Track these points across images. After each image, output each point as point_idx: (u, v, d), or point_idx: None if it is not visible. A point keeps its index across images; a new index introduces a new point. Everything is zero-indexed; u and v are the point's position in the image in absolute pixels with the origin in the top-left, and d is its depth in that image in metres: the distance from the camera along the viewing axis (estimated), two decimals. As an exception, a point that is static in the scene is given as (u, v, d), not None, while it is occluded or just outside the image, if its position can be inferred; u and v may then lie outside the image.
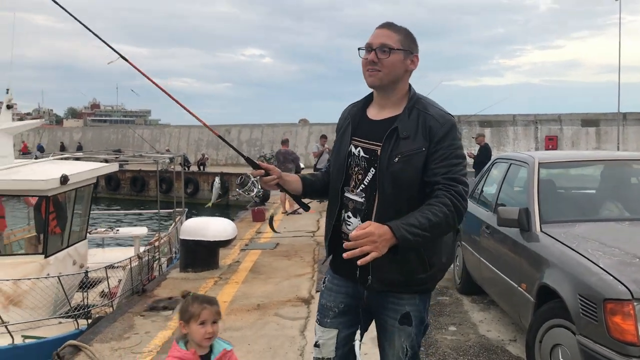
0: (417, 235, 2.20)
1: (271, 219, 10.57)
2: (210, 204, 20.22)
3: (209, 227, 8.29)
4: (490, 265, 5.32)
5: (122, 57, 3.08)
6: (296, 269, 8.31)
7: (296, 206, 14.77)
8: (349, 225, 2.50)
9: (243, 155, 2.88)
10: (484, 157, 13.63)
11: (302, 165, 23.09)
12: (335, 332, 2.63)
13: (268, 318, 6.01)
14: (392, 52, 2.39)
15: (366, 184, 2.44)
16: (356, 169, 2.49)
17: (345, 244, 2.19)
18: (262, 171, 2.59)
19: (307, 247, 9.89)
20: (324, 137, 15.66)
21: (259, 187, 2.95)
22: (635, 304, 3.17)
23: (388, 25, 2.46)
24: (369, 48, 2.43)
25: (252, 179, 2.84)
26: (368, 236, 2.12)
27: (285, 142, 15.45)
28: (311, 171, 23.42)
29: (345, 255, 2.17)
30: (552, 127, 31.40)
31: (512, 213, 4.65)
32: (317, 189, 2.76)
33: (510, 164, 5.71)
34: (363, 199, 2.45)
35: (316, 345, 2.72)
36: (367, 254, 2.13)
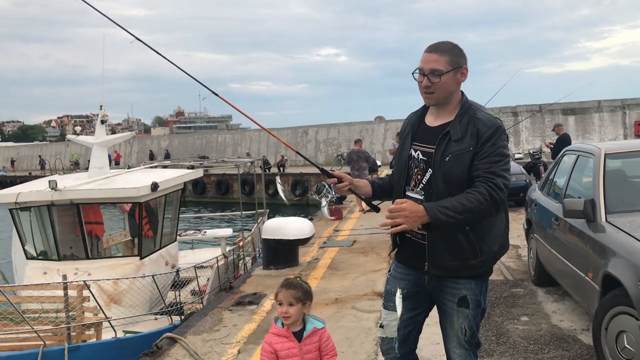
0: (449, 216, 2.50)
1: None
2: (286, 202, 20.83)
3: (289, 227, 8.73)
4: (560, 256, 5.39)
5: (138, 39, 3.58)
6: (372, 265, 8.59)
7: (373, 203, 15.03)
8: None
9: (317, 166, 3.18)
10: (562, 147, 13.31)
11: (378, 163, 23.32)
12: (397, 315, 2.89)
13: (345, 311, 6.34)
14: (443, 75, 2.63)
15: (424, 183, 2.74)
16: (415, 170, 2.80)
17: (386, 218, 2.54)
18: (335, 179, 2.91)
19: (383, 244, 10.12)
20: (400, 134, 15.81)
21: (334, 193, 3.15)
22: (693, 289, 3.24)
23: (435, 49, 2.67)
24: (421, 72, 2.68)
25: (327, 186, 3.03)
26: (401, 211, 2.49)
27: (358, 142, 15.73)
28: (388, 168, 23.49)
29: (379, 224, 2.60)
30: (642, 111, 29.82)
31: (578, 204, 4.73)
32: (385, 190, 3.05)
33: (579, 155, 5.74)
34: (422, 196, 2.75)
35: (381, 326, 3.06)
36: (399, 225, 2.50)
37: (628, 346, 3.81)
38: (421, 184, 2.74)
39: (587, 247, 4.68)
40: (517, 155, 15.61)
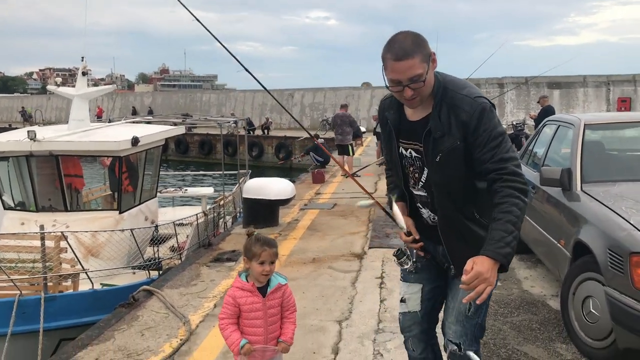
0: (510, 242, 2.29)
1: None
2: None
3: (270, 187, 8.75)
4: (535, 224, 5.49)
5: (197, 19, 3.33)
6: (351, 227, 8.68)
7: (355, 169, 15.09)
8: (423, 214, 2.71)
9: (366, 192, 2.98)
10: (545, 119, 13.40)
11: (363, 129, 23.30)
12: (419, 287, 2.81)
13: (322, 270, 6.42)
14: (425, 77, 2.36)
15: (424, 181, 2.61)
16: (411, 169, 2.65)
17: (462, 286, 2.29)
18: (411, 238, 2.66)
19: (364, 208, 10.21)
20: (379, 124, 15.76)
21: (414, 258, 2.95)
22: (659, 257, 3.33)
23: (404, 55, 2.32)
24: (398, 84, 2.36)
25: (408, 252, 2.87)
26: (478, 277, 2.23)
27: (343, 106, 15.69)
28: (371, 135, 23.40)
29: (464, 300, 2.32)
30: (626, 88, 30.02)
31: (555, 173, 4.80)
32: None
33: (559, 126, 5.79)
34: (425, 193, 2.64)
35: (402, 300, 2.87)
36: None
37: (593, 311, 3.93)
38: (421, 182, 2.63)
39: (561, 215, 4.77)
40: (500, 126, 15.68)
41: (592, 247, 3.89)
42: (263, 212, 8.62)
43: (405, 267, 2.74)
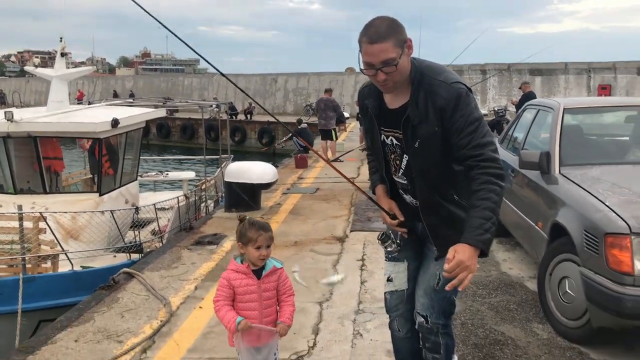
0: (489, 228, 2.34)
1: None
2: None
3: (252, 171, 8.73)
4: (514, 207, 5.55)
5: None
6: (333, 211, 8.70)
7: (338, 154, 15.11)
8: (405, 199, 2.75)
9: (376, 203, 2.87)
10: (527, 105, 13.50)
11: (346, 115, 23.31)
12: (405, 265, 2.85)
13: (304, 253, 6.44)
14: (398, 62, 2.37)
15: (404, 168, 2.64)
16: (393, 156, 2.68)
17: (444, 274, 2.36)
18: (396, 221, 2.72)
19: (346, 192, 10.24)
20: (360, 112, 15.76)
21: (398, 241, 2.97)
22: (632, 237, 3.40)
23: (377, 38, 2.35)
24: (371, 67, 2.39)
25: (392, 236, 2.86)
26: (459, 265, 2.29)
27: (328, 91, 15.64)
28: (355, 120, 23.36)
29: (447, 288, 2.39)
30: (606, 75, 30.31)
31: (534, 156, 4.85)
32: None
33: (539, 110, 5.84)
34: (406, 180, 2.67)
35: (389, 280, 2.90)
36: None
37: (569, 291, 4.00)
38: (401, 169, 2.66)
39: (539, 197, 4.83)
40: (482, 112, 15.80)
41: (568, 229, 3.95)
42: (245, 196, 8.61)
43: (390, 249, 2.80)
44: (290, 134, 17.80)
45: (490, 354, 3.90)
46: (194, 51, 3.16)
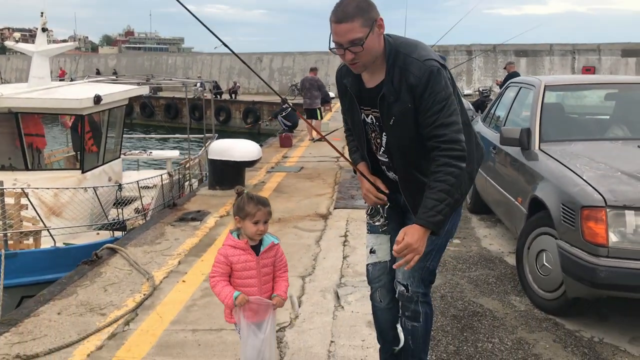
0: (442, 210, 2.42)
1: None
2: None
3: (235, 148, 8.71)
4: (494, 183, 5.63)
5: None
6: (317, 190, 8.73)
7: (323, 134, 15.11)
8: (389, 176, 2.78)
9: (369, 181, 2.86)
10: (511, 85, 13.57)
11: (332, 95, 23.23)
12: (387, 237, 2.88)
13: (287, 230, 6.48)
14: (364, 42, 2.38)
15: (384, 146, 2.67)
16: (373, 135, 2.70)
17: (394, 254, 2.50)
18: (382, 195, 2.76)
19: (330, 171, 10.28)
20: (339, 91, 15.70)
21: (385, 214, 3.01)
22: (607, 210, 3.48)
23: (343, 17, 2.37)
24: (340, 47, 2.41)
25: (382, 210, 2.88)
26: (407, 247, 2.41)
27: (313, 70, 15.59)
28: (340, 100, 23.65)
29: (394, 266, 2.55)
30: (591, 57, 30.53)
31: (514, 132, 4.91)
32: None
33: (521, 87, 5.89)
34: (387, 158, 2.70)
35: (372, 251, 2.93)
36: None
37: (546, 264, 4.09)
38: (382, 147, 2.68)
39: (519, 173, 4.90)
40: (466, 92, 15.87)
41: (546, 203, 4.03)
42: (229, 174, 8.59)
43: (378, 224, 2.83)
44: (274, 113, 17.70)
45: (469, 325, 3.98)
46: (220, 40, 3.08)
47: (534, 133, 4.83)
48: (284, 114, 16.10)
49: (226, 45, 2.94)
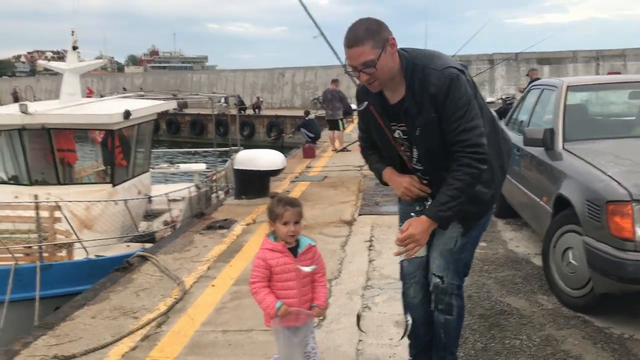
0: (451, 207, 2.54)
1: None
2: None
3: (260, 158, 8.86)
4: (519, 185, 5.63)
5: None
6: (341, 197, 8.80)
7: (345, 144, 15.19)
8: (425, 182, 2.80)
9: None
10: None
11: (354, 107, 23.33)
12: None
13: (313, 236, 6.43)
14: (377, 63, 2.48)
15: (416, 157, 2.75)
16: (402, 148, 2.78)
17: (397, 244, 2.63)
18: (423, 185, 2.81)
19: (354, 180, 10.35)
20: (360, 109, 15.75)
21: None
22: (633, 204, 3.48)
23: (354, 42, 2.48)
24: (354, 69, 2.53)
25: (425, 204, 3.00)
26: (410, 237, 2.58)
27: (334, 81, 15.73)
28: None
29: (394, 253, 2.69)
30: (615, 63, 30.15)
31: (538, 133, 4.93)
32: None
33: (543, 89, 5.90)
34: (421, 166, 2.77)
35: None
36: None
37: (573, 261, 4.08)
38: (414, 158, 2.76)
39: (543, 173, 4.91)
40: (488, 99, 15.83)
41: (571, 200, 4.04)
42: (254, 183, 8.73)
43: (418, 208, 2.82)
44: (298, 125, 17.77)
45: (496, 323, 3.99)
46: (336, 55, 3.16)
47: (558, 133, 4.84)
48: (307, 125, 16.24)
49: (323, 35, 2.83)
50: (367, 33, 2.47)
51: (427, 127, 2.57)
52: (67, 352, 3.76)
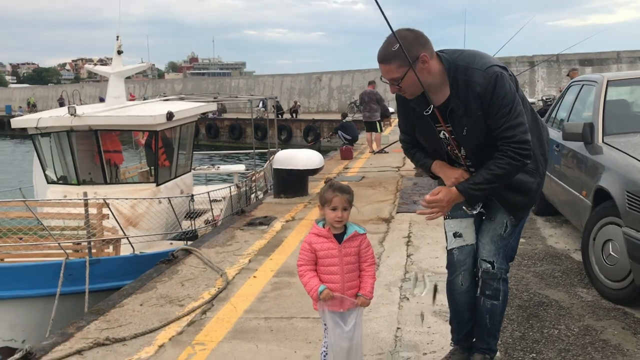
0: (483, 189, 2.68)
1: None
2: None
3: (299, 157, 9.00)
4: (559, 181, 5.62)
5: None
6: (379, 196, 8.87)
7: (383, 146, 15.24)
8: None
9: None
10: (575, 91, 13.33)
11: (391, 110, 23.33)
12: (472, 220, 2.98)
13: (351, 233, 6.63)
14: (402, 81, 2.61)
15: (464, 155, 2.83)
16: (449, 148, 2.87)
17: (422, 203, 2.82)
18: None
19: (392, 180, 10.40)
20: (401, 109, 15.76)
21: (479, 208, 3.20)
22: (673, 193, 3.47)
23: (382, 59, 2.62)
24: (386, 81, 2.71)
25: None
26: (437, 202, 2.74)
27: (371, 83, 15.78)
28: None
29: (417, 212, 2.86)
30: (661, 63, 29.36)
31: (577, 127, 4.93)
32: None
33: (583, 85, 5.88)
34: (471, 163, 2.85)
35: (457, 235, 3.00)
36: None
37: (612, 253, 4.08)
38: (462, 156, 2.84)
39: (583, 167, 4.90)
40: (529, 101, 15.65)
41: (611, 192, 4.04)
42: (292, 182, 8.87)
43: (474, 212, 2.94)
44: (335, 128, 17.89)
45: (534, 314, 4.02)
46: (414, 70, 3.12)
47: (597, 126, 4.83)
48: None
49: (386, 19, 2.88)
50: (394, 53, 2.57)
51: (474, 125, 2.65)
52: (118, 335, 3.94)
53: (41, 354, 3.71)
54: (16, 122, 9.66)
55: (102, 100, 42.94)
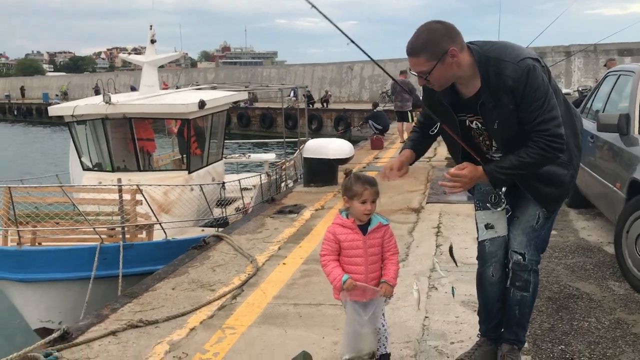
0: (508, 174, 2.66)
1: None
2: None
3: (329, 147, 9.03)
4: (592, 173, 5.53)
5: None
6: (409, 187, 8.85)
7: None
8: None
9: None
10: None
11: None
12: (504, 211, 2.94)
13: (380, 222, 6.65)
14: (429, 74, 2.59)
15: (495, 146, 2.81)
16: (481, 138, 2.84)
17: (445, 176, 2.76)
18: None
19: (422, 170, 10.35)
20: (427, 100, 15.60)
21: (505, 200, 3.11)
22: None
23: (411, 52, 2.61)
24: (414, 73, 2.69)
25: (502, 195, 2.98)
26: (461, 177, 2.69)
27: (403, 72, 15.66)
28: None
29: (440, 183, 2.77)
30: None
31: (612, 118, 4.85)
32: (425, 146, 3.19)
33: (620, 75, 5.77)
34: (501, 154, 2.81)
35: (488, 227, 2.97)
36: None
37: (646, 246, 4.02)
38: (493, 147, 2.82)
39: (617, 159, 4.82)
40: (565, 91, 15.36)
41: (646, 184, 3.97)
42: (322, 171, 8.91)
43: (499, 209, 2.92)
44: (366, 118, 17.84)
45: (564, 306, 3.99)
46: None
47: (634, 117, 4.74)
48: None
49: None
50: (424, 44, 2.56)
51: (506, 119, 2.62)
52: (151, 317, 4.05)
53: (78, 333, 3.84)
54: (53, 110, 9.90)
55: (133, 89, 43.87)
